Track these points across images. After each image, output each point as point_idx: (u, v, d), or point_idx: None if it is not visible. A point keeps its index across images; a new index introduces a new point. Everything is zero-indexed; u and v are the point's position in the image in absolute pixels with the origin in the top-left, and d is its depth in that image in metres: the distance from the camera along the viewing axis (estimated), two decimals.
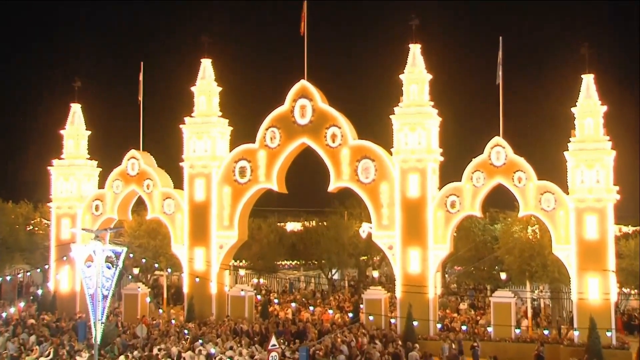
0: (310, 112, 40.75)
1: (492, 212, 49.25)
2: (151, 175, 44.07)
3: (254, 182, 42.03)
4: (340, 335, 34.86)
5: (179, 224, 43.37)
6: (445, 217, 38.17)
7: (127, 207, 46.04)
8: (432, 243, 38.25)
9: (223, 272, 42.83)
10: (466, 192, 37.93)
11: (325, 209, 62.65)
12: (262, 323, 39.12)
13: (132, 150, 44.72)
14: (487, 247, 46.49)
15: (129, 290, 44.65)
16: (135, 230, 50.12)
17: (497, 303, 37.31)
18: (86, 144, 46.91)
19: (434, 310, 38.32)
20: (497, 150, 37.34)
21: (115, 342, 33.91)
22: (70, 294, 45.41)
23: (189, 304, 42.14)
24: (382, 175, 39.41)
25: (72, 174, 46.10)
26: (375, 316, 38.36)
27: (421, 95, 39.01)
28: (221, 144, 43.41)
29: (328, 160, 40.41)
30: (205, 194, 42.78)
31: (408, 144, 38.70)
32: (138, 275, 51.08)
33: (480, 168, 37.68)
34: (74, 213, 45.82)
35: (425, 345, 35.54)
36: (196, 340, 34.04)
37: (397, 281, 38.94)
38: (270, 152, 41.66)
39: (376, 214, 39.45)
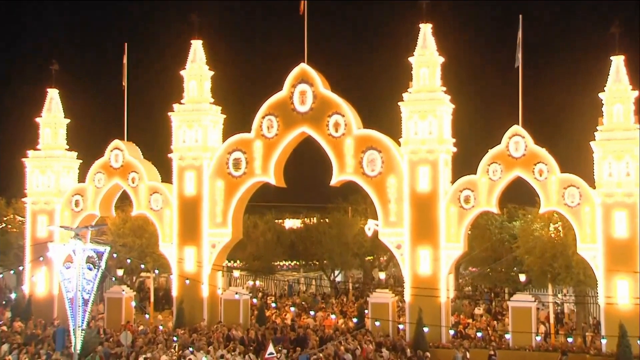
0: (311, 98, 40.63)
1: (511, 208, 49.15)
2: (137, 167, 43.98)
3: (249, 175, 41.94)
4: (343, 343, 34.79)
5: (168, 220, 43.30)
6: (458, 214, 38.07)
7: (110, 202, 45.96)
8: (444, 242, 38.16)
9: (215, 273, 42.77)
10: (482, 186, 37.82)
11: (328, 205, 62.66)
12: (258, 329, 39.07)
13: (115, 140, 44.59)
14: (505, 246, 46.38)
15: (112, 293, 44.58)
16: (119, 228, 50.03)
17: (516, 308, 37.23)
18: (65, 133, 46.78)
19: (446, 316, 38.24)
20: (516, 140, 37.23)
21: (96, 350, 33.82)
22: (48, 298, 45.35)
23: (178, 309, 42.10)
24: (390, 168, 39.30)
25: (49, 166, 45.99)
26: (382, 322, 38.29)
27: (432, 80, 38.87)
28: (213, 133, 43.29)
29: (330, 151, 40.31)
30: (196, 188, 42.70)
31: (418, 133, 38.58)
32: (122, 277, 51.03)
33: (497, 160, 37.57)
34: (51, 209, 45.75)
35: (436, 354, 35.48)
36: (186, 348, 33.98)
37: (405, 283, 38.87)
38: (267, 143, 41.56)
39: (383, 210, 39.36)
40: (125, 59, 44.39)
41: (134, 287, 52.97)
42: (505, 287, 50.17)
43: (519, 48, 38.22)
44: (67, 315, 26.77)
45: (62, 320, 40.97)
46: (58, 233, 44.56)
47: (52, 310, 44.87)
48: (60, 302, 41.08)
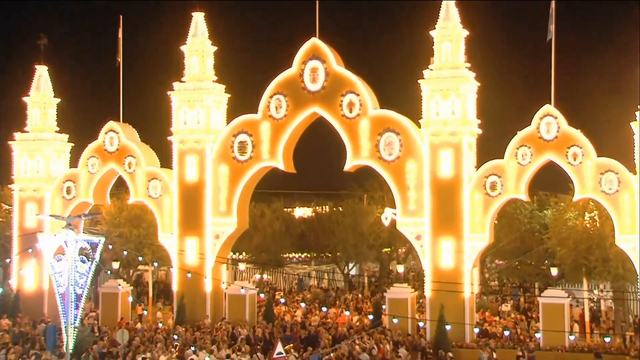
0: (323, 76, 40.52)
1: (541, 196, 49.00)
2: (133, 151, 44.02)
3: (256, 159, 41.92)
4: (358, 342, 34.81)
5: (167, 209, 43.36)
6: (484, 202, 37.95)
7: (105, 189, 46.05)
8: (468, 232, 38.07)
9: (219, 266, 42.83)
10: (510, 171, 37.67)
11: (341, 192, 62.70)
12: (265, 327, 39.17)
13: (110, 121, 44.63)
14: (535, 237, 46.28)
15: (108, 288, 44.75)
16: (114, 217, 50.17)
17: (547, 304, 37.12)
18: (55, 114, 46.85)
19: (470, 313, 38.18)
20: (547, 120, 37.02)
21: (90, 350, 33.98)
22: (37, 293, 45.55)
23: (179, 305, 42.23)
24: (409, 152, 39.18)
25: (38, 150, 46.10)
26: (401, 319, 38.28)
27: (456, 56, 38.67)
28: (217, 114, 43.26)
29: (344, 134, 40.22)
30: (198, 174, 42.71)
31: (440, 113, 38.43)
32: (118, 270, 51.20)
33: (527, 142, 37.38)
34: (41, 196, 45.88)
35: (460, 354, 35.46)
36: (187, 348, 34.07)
37: (426, 277, 38.83)
38: (275, 124, 41.50)
39: (401, 197, 39.28)
40: (120, 32, 44.37)
41: (130, 281, 53.14)
42: (535, 282, 50.08)
43: (552, 19, 37.92)
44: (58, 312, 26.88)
45: (53, 317, 41.16)
46: (48, 223, 44.70)
47: (42, 307, 45.06)
48: (50, 298, 41.17)
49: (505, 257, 49.24)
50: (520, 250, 45.97)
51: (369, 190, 58.80)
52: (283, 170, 42.21)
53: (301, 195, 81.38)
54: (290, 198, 78.98)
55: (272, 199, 62.43)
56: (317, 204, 69.85)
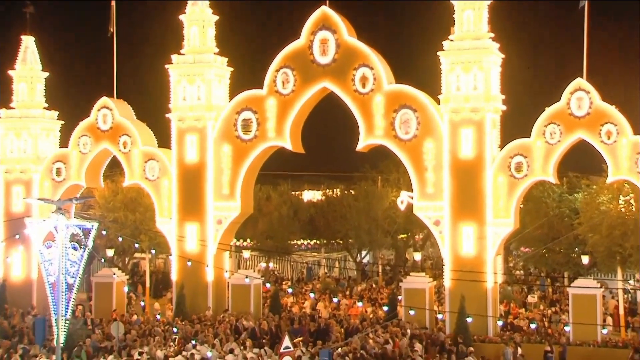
0: (334, 48, 40.42)
1: (571, 177, 48.89)
2: (129, 130, 44.05)
3: (261, 138, 41.91)
4: (372, 335, 34.88)
5: (166, 192, 43.42)
6: (508, 184, 37.88)
7: (98, 171, 46.13)
8: (491, 217, 38.03)
9: (222, 254, 42.94)
10: (537, 150, 37.56)
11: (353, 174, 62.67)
12: (272, 319, 39.28)
13: (103, 97, 44.63)
14: (564, 222, 46.23)
15: (102, 277, 44.90)
16: (108, 201, 50.31)
17: (578, 295, 37.10)
18: (43, 89, 46.88)
19: (493, 304, 38.20)
20: (579, 95, 36.86)
21: (83, 344, 34.15)
22: (25, 282, 45.74)
23: (178, 295, 42.37)
24: (427, 130, 39.11)
25: (25, 128, 46.17)
26: (418, 311, 38.34)
27: (478, 25, 38.50)
28: (219, 89, 43.22)
29: (357, 111, 40.15)
30: (198, 154, 42.74)
31: (460, 88, 38.33)
32: (113, 258, 51.41)
33: (556, 120, 37.24)
34: (28, 178, 46.00)
35: (482, 349, 35.48)
36: (188, 342, 34.19)
37: (445, 266, 38.86)
38: (282, 100, 41.46)
39: (419, 179, 39.25)
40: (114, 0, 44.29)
41: (126, 270, 53.36)
42: (565, 271, 50.04)
43: None
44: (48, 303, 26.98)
45: (42, 308, 41.36)
46: (37, 207, 44.84)
47: (31, 297, 45.25)
48: (40, 288, 41.36)
49: (532, 244, 49.19)
50: (548, 237, 45.91)
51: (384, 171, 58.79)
52: (290, 150, 42.16)
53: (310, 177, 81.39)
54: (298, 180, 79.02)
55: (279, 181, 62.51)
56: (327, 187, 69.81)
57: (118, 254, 52.87)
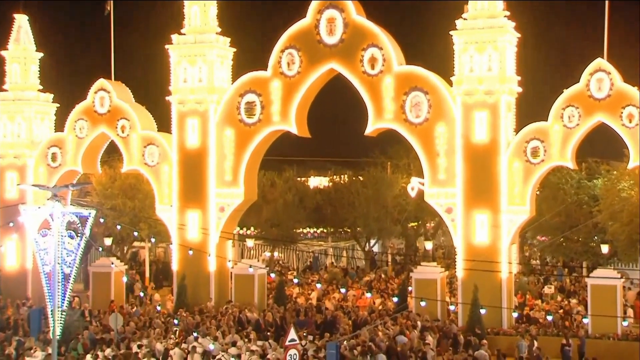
0: (341, 27, 40.35)
1: (590, 163, 48.78)
2: (127, 113, 44.07)
3: (265, 122, 41.90)
4: (381, 328, 34.91)
5: (166, 178, 43.47)
6: (524, 170, 37.84)
7: (95, 156, 46.19)
8: (505, 204, 38.02)
9: (225, 242, 43.01)
10: (554, 135, 37.49)
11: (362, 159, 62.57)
12: (276, 311, 39.36)
13: (100, 79, 44.65)
14: (583, 210, 46.16)
15: (99, 267, 45.02)
16: (106, 188, 50.36)
17: (597, 286, 37.07)
18: (37, 71, 46.89)
19: (508, 295, 38.22)
20: (599, 77, 36.74)
21: (80, 336, 34.27)
22: (20, 272, 45.90)
23: (179, 286, 42.47)
24: (439, 113, 39.06)
25: (19, 112, 46.21)
26: (429, 302, 38.35)
27: (493, 3, 38.39)
28: (221, 71, 43.20)
29: (365, 93, 40.11)
30: (200, 138, 42.76)
31: (474, 70, 38.26)
32: (111, 247, 51.50)
33: (574, 102, 37.15)
34: (22, 164, 46.09)
35: (495, 342, 35.50)
36: (189, 334, 34.28)
37: (458, 255, 38.88)
38: (287, 82, 41.42)
39: (430, 165, 39.22)
40: None
41: (125, 259, 53.46)
42: (583, 261, 49.98)
43: None
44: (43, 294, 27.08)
45: (38, 299, 41.49)
46: (31, 193, 44.90)
47: (26, 288, 45.44)
48: (35, 278, 41.49)
49: (549, 233, 49.13)
50: (565, 225, 45.84)
51: (393, 157, 58.68)
52: (296, 135, 42.15)
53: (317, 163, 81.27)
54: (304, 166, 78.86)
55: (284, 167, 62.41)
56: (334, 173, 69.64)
57: (116, 243, 52.94)
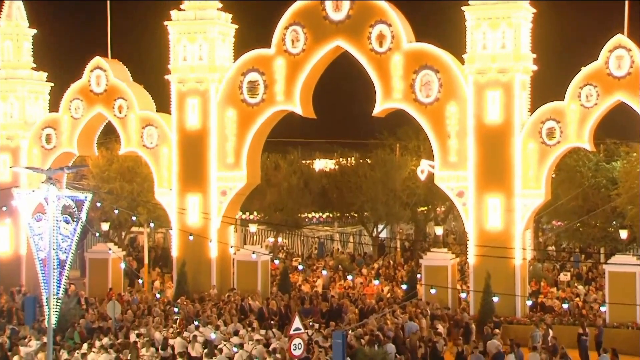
0: (348, 3, 40.25)
1: (609, 144, 48.68)
2: (125, 92, 44.06)
3: (269, 102, 41.88)
4: (390, 316, 34.98)
5: (165, 161, 43.50)
6: (539, 152, 37.81)
7: (92, 137, 46.24)
8: (519, 188, 38.01)
9: (227, 228, 43.06)
10: (571, 115, 37.42)
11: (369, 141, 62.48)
12: (280, 299, 39.45)
13: (96, 57, 44.62)
14: (601, 193, 46.11)
15: (96, 253, 45.13)
16: (103, 171, 50.38)
17: (615, 273, 37.07)
18: (31, 48, 46.87)
19: (522, 282, 38.28)
20: (618, 54, 36.64)
21: (76, 324, 34.39)
22: (13, 258, 46.03)
23: (179, 273, 42.55)
24: (450, 93, 39.00)
25: (11, 91, 46.23)
26: (439, 289, 38.39)
27: None
28: (223, 49, 43.15)
29: (373, 72, 40.06)
30: (200, 119, 42.75)
31: (487, 47, 38.19)
32: (108, 232, 51.60)
33: (592, 80, 37.05)
34: (15, 146, 46.13)
35: (509, 331, 35.56)
36: (190, 323, 34.39)
37: (469, 241, 38.90)
38: (291, 61, 41.37)
39: (440, 147, 39.20)
40: None
41: (123, 245, 53.55)
42: (601, 247, 49.98)
43: None
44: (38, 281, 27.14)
45: (32, 287, 41.63)
46: (25, 176, 44.99)
47: (20, 275, 45.57)
48: (29, 264, 41.64)
49: (565, 218, 49.11)
50: (582, 209, 45.80)
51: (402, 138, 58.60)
52: (301, 115, 42.13)
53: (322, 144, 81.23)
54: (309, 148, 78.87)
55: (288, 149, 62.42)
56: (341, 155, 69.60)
57: (114, 228, 53.03)
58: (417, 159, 53.53)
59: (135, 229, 57.12)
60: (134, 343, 31.14)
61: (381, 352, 29.97)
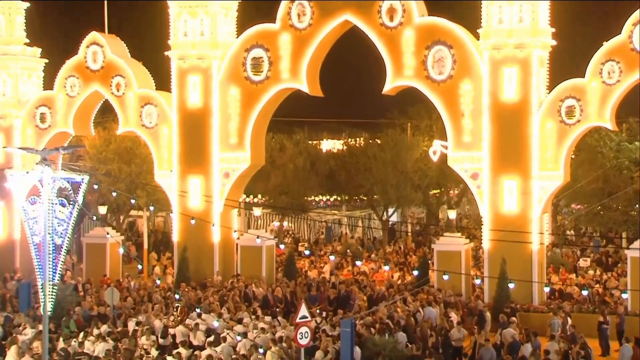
0: None
1: (632, 123, 48.58)
2: (123, 69, 44.07)
3: (273, 80, 41.86)
4: (400, 304, 35.04)
5: (165, 141, 43.55)
6: (558, 131, 37.77)
7: (88, 117, 46.28)
8: (537, 170, 38.01)
9: (230, 211, 43.15)
10: (592, 92, 37.34)
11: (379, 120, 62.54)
12: (286, 285, 39.53)
13: (93, 32, 44.62)
14: (623, 175, 46.08)
15: (94, 237, 45.25)
16: (100, 151, 50.48)
17: (637, 258, 37.02)
18: (24, 22, 46.87)
19: (539, 268, 38.31)
20: None
21: (73, 312, 34.49)
22: (7, 243, 46.21)
23: (180, 258, 42.64)
24: (464, 70, 38.95)
25: (4, 68, 46.28)
26: (452, 276, 38.43)
27: None
28: (225, 24, 43.11)
29: (383, 48, 40.01)
30: (202, 98, 42.76)
31: (503, 21, 38.11)
32: (106, 216, 51.71)
33: (615, 56, 36.94)
34: (8, 125, 46.22)
35: (526, 319, 35.63)
36: (192, 311, 34.46)
37: (484, 225, 38.94)
38: (297, 36, 41.33)
39: (454, 126, 39.19)
40: None
41: (121, 229, 53.69)
42: (623, 231, 49.96)
43: None
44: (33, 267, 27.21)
45: (27, 273, 41.77)
46: (19, 157, 45.09)
47: (14, 260, 45.75)
48: (23, 249, 41.77)
49: (585, 201, 49.12)
50: (603, 192, 45.81)
51: (414, 118, 58.64)
52: (307, 94, 42.13)
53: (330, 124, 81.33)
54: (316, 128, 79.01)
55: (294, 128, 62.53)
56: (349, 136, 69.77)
57: (112, 212, 53.18)
58: (429, 140, 53.54)
59: (134, 213, 57.27)
60: (133, 332, 31.23)
61: (392, 341, 29.99)
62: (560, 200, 52.51)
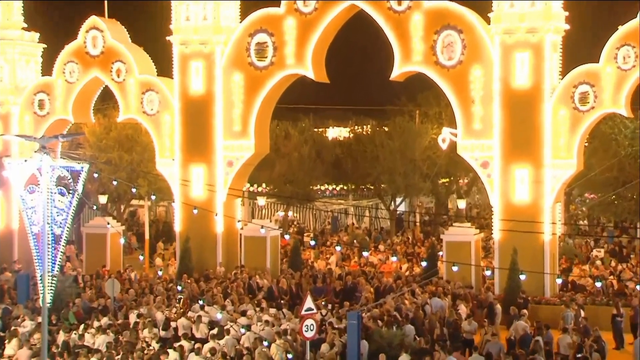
0: None
1: None
2: (123, 55, 44.05)
3: (278, 66, 41.83)
4: (408, 296, 35.06)
5: (167, 129, 43.55)
6: (571, 118, 37.72)
7: (88, 103, 46.28)
8: (549, 158, 37.97)
9: (233, 201, 43.19)
10: (606, 78, 37.27)
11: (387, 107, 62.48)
12: (291, 277, 39.57)
13: (92, 17, 44.60)
14: (638, 164, 45.96)
15: (94, 227, 45.29)
16: (100, 139, 50.51)
17: None
18: (21, 7, 46.85)
19: (551, 259, 38.30)
20: None
21: (72, 304, 34.56)
22: (5, 233, 46.24)
23: (183, 249, 42.66)
24: (474, 55, 38.90)
25: (1, 53, 46.25)
26: (461, 267, 38.45)
27: None
28: (228, 8, 43.06)
29: (391, 32, 39.94)
30: (205, 84, 42.75)
31: (514, 5, 38.06)
32: (106, 205, 51.76)
33: (630, 40, 36.86)
34: (5, 112, 46.22)
35: (537, 312, 35.63)
36: (194, 303, 34.51)
37: (494, 215, 38.92)
38: (302, 20, 41.28)
39: (464, 114, 39.15)
40: None
41: (122, 219, 53.74)
42: (637, 221, 49.92)
43: None
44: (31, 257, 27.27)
45: (26, 263, 41.85)
46: (16, 145, 45.11)
47: (12, 251, 45.81)
48: (22, 240, 41.85)
49: (599, 190, 49.09)
50: (618, 181, 45.77)
51: (422, 104, 58.58)
52: (313, 80, 42.11)
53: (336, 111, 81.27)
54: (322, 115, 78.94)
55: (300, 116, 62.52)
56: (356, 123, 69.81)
57: (112, 201, 53.23)
58: (438, 127, 53.48)
59: (135, 202, 57.34)
60: (134, 324, 31.31)
61: (399, 333, 30.05)
62: (573, 190, 52.47)
